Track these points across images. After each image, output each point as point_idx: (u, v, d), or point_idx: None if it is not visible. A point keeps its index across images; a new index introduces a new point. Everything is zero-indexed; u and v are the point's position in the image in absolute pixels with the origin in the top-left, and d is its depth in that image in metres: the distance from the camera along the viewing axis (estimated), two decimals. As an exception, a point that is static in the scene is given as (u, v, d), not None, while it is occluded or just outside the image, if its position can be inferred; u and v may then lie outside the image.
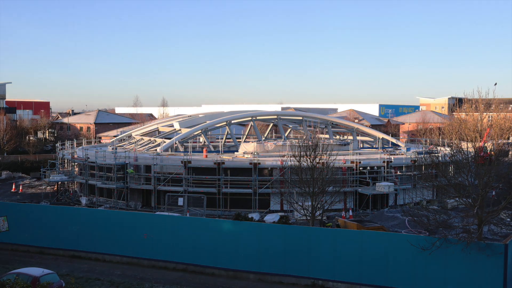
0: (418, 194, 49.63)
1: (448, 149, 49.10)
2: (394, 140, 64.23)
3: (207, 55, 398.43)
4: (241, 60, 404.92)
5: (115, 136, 73.43)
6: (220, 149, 50.99)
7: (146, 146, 56.09)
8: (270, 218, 42.70)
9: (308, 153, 36.84)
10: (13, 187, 59.41)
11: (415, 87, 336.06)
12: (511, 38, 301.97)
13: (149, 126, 66.01)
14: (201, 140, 62.57)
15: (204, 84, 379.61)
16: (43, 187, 54.39)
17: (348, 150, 52.08)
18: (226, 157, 48.48)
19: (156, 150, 51.40)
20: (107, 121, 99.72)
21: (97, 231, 34.33)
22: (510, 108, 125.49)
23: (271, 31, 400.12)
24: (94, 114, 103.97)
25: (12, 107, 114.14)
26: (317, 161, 36.36)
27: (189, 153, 50.16)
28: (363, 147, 63.35)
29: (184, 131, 55.59)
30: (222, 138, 63.68)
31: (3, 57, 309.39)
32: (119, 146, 59.95)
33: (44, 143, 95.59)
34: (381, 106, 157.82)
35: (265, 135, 67.11)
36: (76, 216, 35.43)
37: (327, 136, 61.36)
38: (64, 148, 59.27)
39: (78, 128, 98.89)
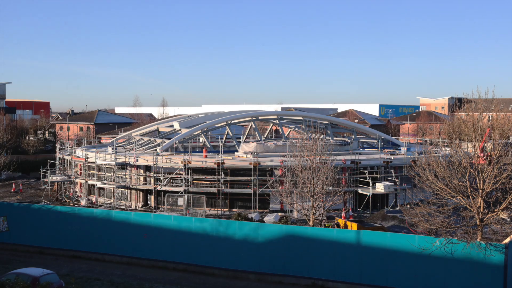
0: (418, 194, 49.57)
1: (448, 149, 49.12)
2: (394, 140, 64.27)
3: (207, 55, 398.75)
4: (241, 60, 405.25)
5: (115, 136, 73.40)
6: (220, 149, 51.00)
7: (146, 146, 56.09)
8: (270, 218, 42.68)
9: (308, 153, 36.86)
10: (13, 187, 59.43)
11: (415, 87, 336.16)
12: (511, 38, 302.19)
13: (149, 127, 66.01)
14: (201, 140, 62.54)
15: (204, 84, 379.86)
16: (43, 187, 54.42)
17: (348, 150, 52.08)
18: (226, 157, 48.47)
19: (156, 150, 51.39)
20: (107, 121, 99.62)
21: (97, 231, 34.36)
22: (510, 108, 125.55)
23: (271, 31, 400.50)
24: (94, 114, 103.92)
25: (12, 107, 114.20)
26: (317, 161, 36.37)
27: (189, 153, 50.17)
28: (363, 147, 63.35)
29: (184, 131, 55.58)
30: (222, 138, 63.66)
31: (3, 57, 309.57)
32: (119, 146, 59.94)
33: (44, 143, 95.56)
34: (381, 106, 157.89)
35: (265, 135, 67.08)
36: (75, 216, 35.45)
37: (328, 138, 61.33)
38: (64, 148, 59.28)
39: (78, 128, 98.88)
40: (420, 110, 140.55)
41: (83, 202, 51.18)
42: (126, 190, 50.19)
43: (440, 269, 26.88)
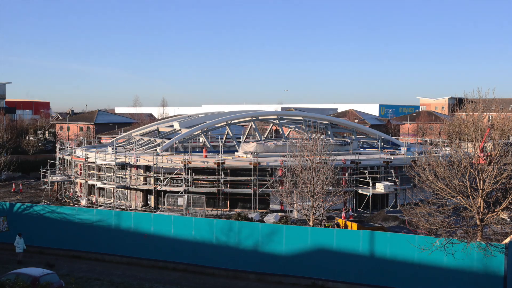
0: (418, 194, 49.59)
1: (448, 149, 49.08)
2: (394, 140, 64.26)
3: (207, 55, 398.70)
4: (241, 60, 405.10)
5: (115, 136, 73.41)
6: (220, 149, 51.02)
7: (146, 146, 56.09)
8: (270, 218, 42.68)
9: (308, 153, 36.86)
10: (13, 187, 59.43)
11: (415, 87, 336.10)
12: (511, 38, 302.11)
13: (149, 127, 66.01)
14: (201, 140, 62.55)
15: (204, 84, 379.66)
16: (43, 187, 54.42)
17: (348, 150, 52.08)
18: (226, 157, 48.47)
19: (156, 150, 51.40)
20: (107, 121, 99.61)
21: (97, 231, 34.35)
22: (510, 108, 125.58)
23: (271, 31, 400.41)
24: (94, 114, 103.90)
25: (12, 107, 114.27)
26: (317, 161, 36.37)
27: (189, 153, 50.17)
28: (363, 147, 63.37)
29: (184, 131, 55.58)
30: (222, 138, 63.67)
31: (3, 57, 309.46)
32: (119, 146, 59.95)
33: (44, 143, 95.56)
34: (381, 106, 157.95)
35: (265, 135, 67.09)
36: (75, 216, 35.45)
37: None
38: (64, 148, 59.31)
39: (78, 128, 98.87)
40: (420, 110, 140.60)
41: (83, 202, 51.18)
42: (126, 190, 50.19)
43: (440, 269, 26.88)
